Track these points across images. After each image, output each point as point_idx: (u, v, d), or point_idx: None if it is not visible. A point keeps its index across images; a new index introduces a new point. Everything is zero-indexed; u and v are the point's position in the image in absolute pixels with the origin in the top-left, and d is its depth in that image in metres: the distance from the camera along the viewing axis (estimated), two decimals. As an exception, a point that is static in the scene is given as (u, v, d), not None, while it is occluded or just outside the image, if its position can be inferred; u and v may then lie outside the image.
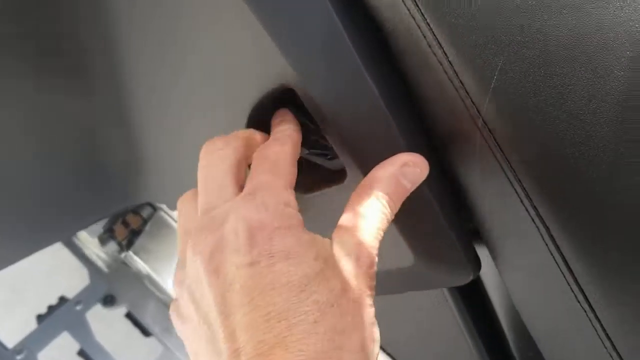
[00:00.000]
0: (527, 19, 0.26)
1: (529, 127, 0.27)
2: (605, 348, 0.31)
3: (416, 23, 0.28)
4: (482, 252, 0.36)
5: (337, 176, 0.36)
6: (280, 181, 0.30)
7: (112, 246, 0.69)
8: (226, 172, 0.31)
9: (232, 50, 0.34)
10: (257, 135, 0.34)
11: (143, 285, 0.82)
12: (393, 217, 0.30)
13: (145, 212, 0.69)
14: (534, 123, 0.27)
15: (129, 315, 0.87)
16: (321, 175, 0.38)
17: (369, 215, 0.29)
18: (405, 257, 0.36)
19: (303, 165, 0.36)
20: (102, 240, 0.69)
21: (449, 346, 0.47)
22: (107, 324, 0.91)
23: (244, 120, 0.36)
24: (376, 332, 0.28)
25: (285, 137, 0.32)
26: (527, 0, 0.26)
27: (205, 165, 0.32)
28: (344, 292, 0.27)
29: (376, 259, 0.29)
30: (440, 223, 0.34)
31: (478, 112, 0.28)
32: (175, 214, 0.66)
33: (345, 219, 0.30)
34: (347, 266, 0.28)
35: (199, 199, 0.31)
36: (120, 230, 0.69)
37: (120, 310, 0.88)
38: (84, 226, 0.57)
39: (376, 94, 0.30)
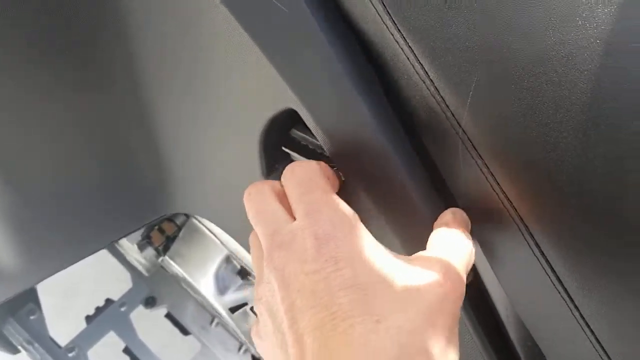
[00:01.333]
0: (497, 40, 0.29)
1: (504, 136, 0.30)
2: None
3: (400, 47, 0.32)
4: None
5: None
6: (328, 194, 0.32)
7: (150, 252, 0.74)
8: (274, 203, 0.33)
9: (247, 80, 0.38)
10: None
11: (181, 288, 0.88)
12: (472, 255, 0.32)
13: (179, 219, 0.74)
14: (508, 132, 0.30)
15: (168, 315, 0.93)
16: None
17: (454, 248, 0.31)
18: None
19: None
20: (141, 247, 0.74)
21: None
22: (149, 324, 0.97)
23: (257, 137, 0.41)
24: (454, 343, 0.28)
25: (303, 161, 0.35)
26: (495, 23, 0.28)
27: (252, 205, 0.34)
28: (415, 292, 0.28)
29: (462, 278, 0.30)
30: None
31: (458, 123, 0.31)
32: (206, 220, 0.71)
33: (431, 248, 0.32)
34: (423, 278, 0.29)
35: (259, 231, 0.33)
36: (156, 237, 0.74)
37: (160, 311, 0.94)
38: (124, 235, 0.62)
39: (367, 114, 0.33)
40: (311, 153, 0.41)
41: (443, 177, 0.36)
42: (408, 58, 0.32)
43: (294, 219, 0.32)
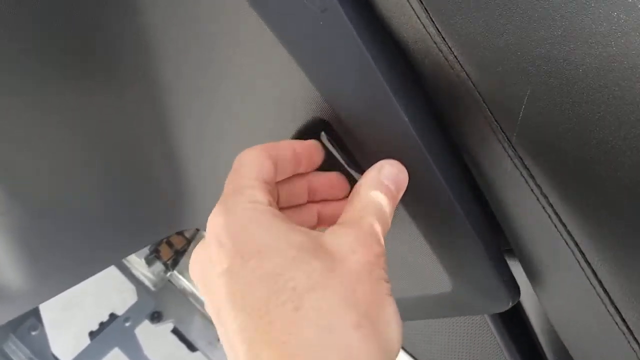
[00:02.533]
0: (553, 49, 0.26)
1: (560, 156, 0.28)
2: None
3: (444, 56, 0.29)
4: (521, 275, 0.37)
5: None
6: (243, 180, 0.30)
7: (158, 266, 0.72)
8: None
9: (271, 84, 0.36)
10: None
11: (188, 302, 0.85)
12: (390, 218, 0.30)
13: (189, 233, 0.71)
14: (563, 150, 0.28)
15: (175, 331, 0.90)
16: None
17: (363, 214, 0.29)
18: (443, 283, 0.37)
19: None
20: (149, 261, 0.72)
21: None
22: (155, 340, 0.94)
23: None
24: (387, 312, 0.27)
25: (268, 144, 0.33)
26: (553, 30, 0.26)
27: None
28: (329, 272, 0.26)
29: (378, 240, 0.29)
30: (478, 250, 0.34)
31: (508, 141, 0.29)
32: None
33: (341, 220, 0.30)
34: (339, 249, 0.27)
35: None
36: (165, 251, 0.72)
37: (167, 326, 0.91)
38: (134, 251, 0.59)
39: (405, 120, 0.31)
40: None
41: (489, 195, 0.34)
42: (452, 68, 0.29)
43: None
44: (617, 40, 0.25)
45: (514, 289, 0.36)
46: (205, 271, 0.28)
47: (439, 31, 0.29)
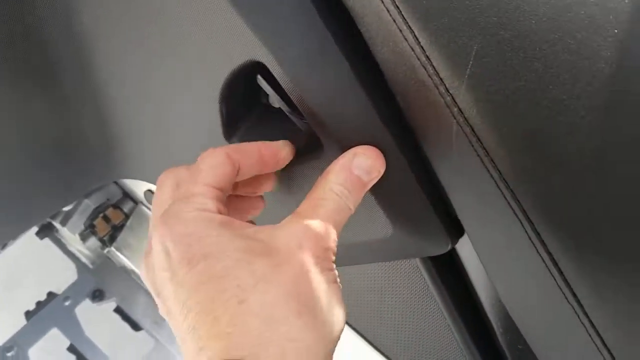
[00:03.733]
0: (504, -2, 0.23)
1: (509, 116, 0.25)
2: (595, 345, 0.29)
3: (385, 6, 0.26)
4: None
5: (313, 150, 0.35)
6: (196, 187, 0.30)
7: (94, 242, 0.67)
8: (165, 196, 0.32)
9: (205, 26, 0.33)
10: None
11: (131, 280, 0.81)
12: (354, 205, 0.31)
13: (127, 207, 0.67)
14: (513, 111, 0.25)
15: (118, 310, 0.86)
16: (298, 146, 0.37)
17: (321, 202, 0.30)
18: (383, 227, 0.35)
19: (279, 136, 0.35)
20: (83, 237, 0.67)
21: (433, 337, 0.46)
22: (97, 319, 0.90)
23: (217, 94, 0.36)
24: (331, 299, 0.28)
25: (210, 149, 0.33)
26: (503, -24, 0.23)
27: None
28: (274, 267, 0.27)
29: (329, 233, 0.29)
30: (417, 192, 0.33)
31: (453, 100, 0.26)
32: None
33: (300, 207, 0.30)
34: (286, 244, 0.28)
35: None
36: (101, 226, 0.67)
37: (109, 305, 0.87)
38: (60, 207, 0.56)
39: (347, 68, 0.29)
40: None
41: (431, 163, 0.31)
42: (394, 20, 0.26)
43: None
44: (574, -14, 0.22)
45: (454, 229, 0.35)
46: (155, 277, 0.29)
47: None
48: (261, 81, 0.34)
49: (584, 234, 0.26)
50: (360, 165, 0.31)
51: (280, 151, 0.34)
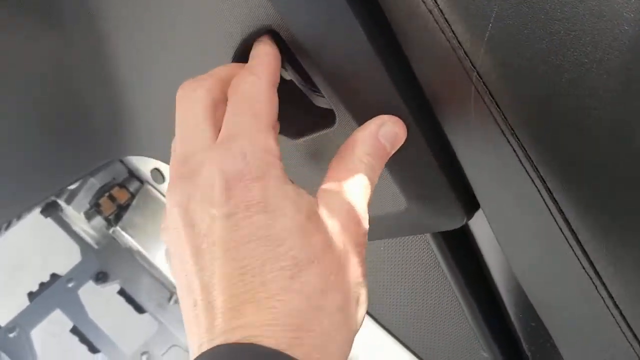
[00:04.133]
0: (525, -43, 0.23)
1: (528, 79, 0.25)
2: (614, 317, 0.29)
3: (402, -34, 0.26)
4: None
5: (326, 119, 0.35)
6: (259, 123, 0.28)
7: (99, 221, 0.67)
8: (201, 116, 0.29)
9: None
10: (237, 69, 0.31)
11: (135, 261, 0.81)
12: (377, 177, 0.30)
13: (133, 186, 0.67)
14: (533, 75, 0.25)
15: (122, 292, 0.86)
16: (310, 119, 0.36)
17: (355, 176, 0.28)
18: (397, 201, 0.35)
19: (290, 109, 0.35)
20: (88, 216, 0.67)
21: (448, 323, 0.46)
22: (100, 301, 0.90)
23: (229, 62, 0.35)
24: (362, 294, 0.27)
25: (261, 66, 0.30)
26: (524, -64, 0.23)
27: (179, 110, 0.30)
28: (327, 248, 0.26)
29: (366, 216, 0.28)
30: (432, 165, 0.32)
31: (472, 64, 0.26)
32: (162, 187, 0.64)
33: (329, 182, 0.29)
34: (334, 224, 0.27)
35: (177, 147, 0.29)
36: (106, 205, 0.67)
37: (113, 287, 0.87)
38: (66, 184, 0.56)
39: (362, 34, 0.29)
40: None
41: (447, 134, 0.31)
42: (412, -18, 0.26)
43: None
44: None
45: (469, 203, 0.34)
46: (193, 205, 0.26)
47: None
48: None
49: (604, 203, 0.26)
50: (387, 134, 0.30)
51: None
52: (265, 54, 0.31)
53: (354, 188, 0.28)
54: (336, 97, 0.32)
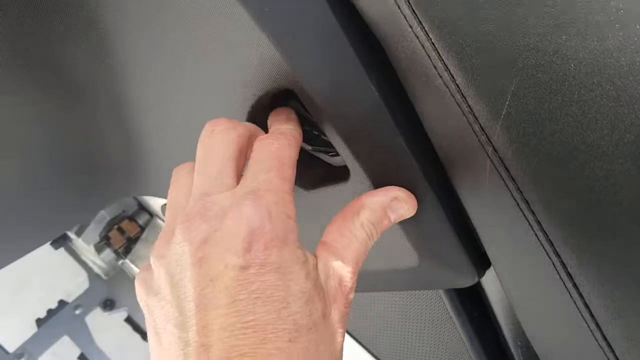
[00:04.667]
0: (543, 40, 0.23)
1: (544, 158, 0.25)
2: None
3: (420, 42, 0.26)
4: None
5: (340, 174, 0.35)
6: (285, 185, 0.28)
7: (109, 254, 0.68)
8: (228, 158, 0.29)
9: (231, 51, 0.33)
10: (261, 132, 0.32)
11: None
12: (373, 242, 0.30)
13: (142, 219, 0.67)
14: (550, 154, 0.25)
15: (129, 320, 0.86)
16: (325, 172, 0.37)
17: (353, 240, 0.29)
18: (409, 257, 0.35)
19: (306, 160, 0.35)
20: (98, 249, 0.68)
21: (443, 346, 0.46)
22: (107, 329, 0.90)
23: (244, 120, 0.35)
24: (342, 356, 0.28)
25: (291, 135, 0.31)
26: (543, 19, 0.23)
27: (208, 145, 0.30)
28: (324, 317, 0.27)
29: (354, 287, 0.29)
30: (445, 225, 0.33)
31: (488, 139, 0.26)
32: None
33: (330, 237, 0.29)
34: (330, 291, 0.28)
35: (195, 178, 0.29)
36: (116, 238, 0.67)
37: (120, 315, 0.87)
38: (78, 222, 0.56)
39: (377, 98, 0.29)
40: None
41: (460, 197, 0.31)
42: (429, 57, 0.26)
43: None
44: (615, 33, 0.22)
45: (481, 262, 0.34)
46: (210, 247, 0.26)
47: (414, 13, 0.25)
48: (295, 105, 0.34)
49: (619, 279, 0.26)
50: (396, 210, 0.30)
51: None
52: (293, 127, 0.32)
53: (350, 255, 0.29)
54: (351, 157, 0.32)
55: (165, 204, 0.62)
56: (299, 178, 0.35)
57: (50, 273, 1.02)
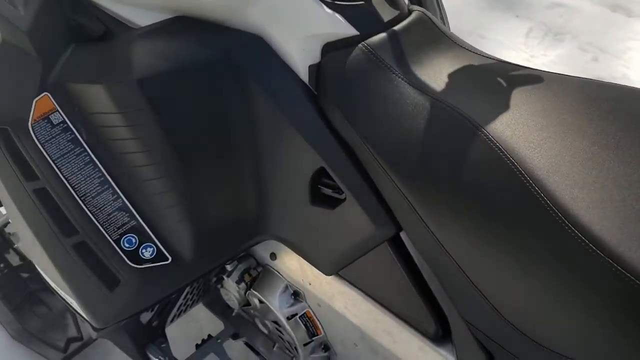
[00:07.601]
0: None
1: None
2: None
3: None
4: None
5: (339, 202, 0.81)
6: None
7: (243, 286, 1.25)
8: None
9: (289, 150, 0.84)
10: None
11: (255, 327, 1.35)
12: None
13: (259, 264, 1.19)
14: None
15: (247, 344, 1.41)
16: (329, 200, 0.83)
17: None
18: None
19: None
20: (238, 282, 1.25)
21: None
22: (233, 349, 1.45)
23: (306, 183, 0.85)
24: None
25: None
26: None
27: None
28: None
29: None
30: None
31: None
32: (275, 263, 1.20)
33: None
34: None
35: None
36: (246, 277, 1.21)
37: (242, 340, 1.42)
38: (240, 252, 1.08)
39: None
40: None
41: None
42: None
43: None
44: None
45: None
46: None
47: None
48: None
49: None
50: None
51: None
52: None
53: None
54: (351, 193, 0.85)
55: (272, 252, 1.26)
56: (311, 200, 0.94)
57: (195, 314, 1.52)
